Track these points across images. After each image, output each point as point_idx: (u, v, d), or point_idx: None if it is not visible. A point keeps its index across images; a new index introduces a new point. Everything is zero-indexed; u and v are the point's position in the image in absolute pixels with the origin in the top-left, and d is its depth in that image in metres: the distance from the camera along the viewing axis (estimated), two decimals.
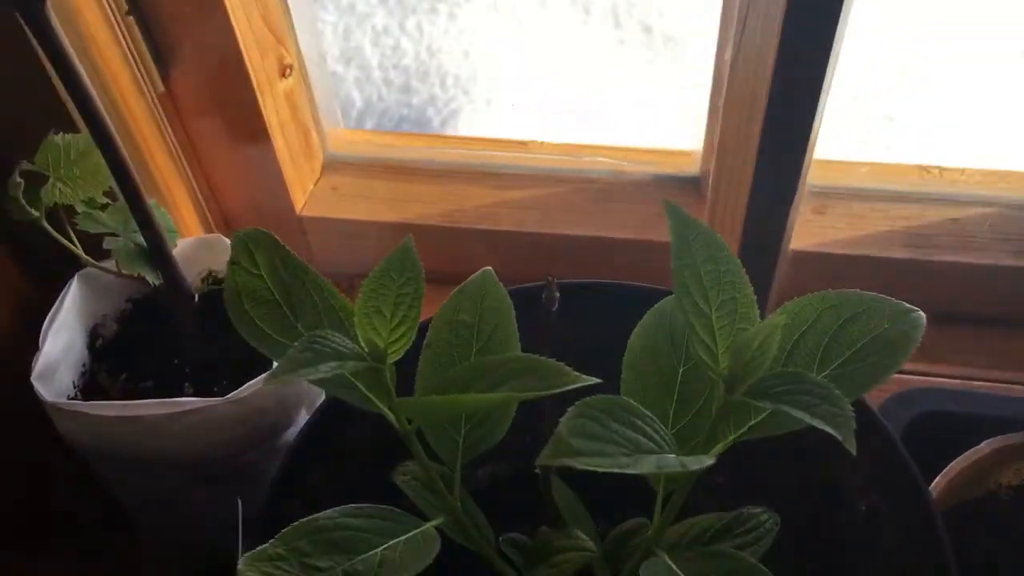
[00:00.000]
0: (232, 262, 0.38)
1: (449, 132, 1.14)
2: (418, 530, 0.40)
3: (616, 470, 0.32)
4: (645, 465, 0.33)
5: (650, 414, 0.36)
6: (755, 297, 0.37)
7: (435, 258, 0.80)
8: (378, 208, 0.79)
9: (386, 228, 0.79)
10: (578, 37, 1.29)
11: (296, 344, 0.34)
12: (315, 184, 0.80)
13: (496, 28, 1.30)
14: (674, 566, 0.39)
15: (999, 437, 0.59)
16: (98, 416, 0.53)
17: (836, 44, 0.50)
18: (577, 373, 0.35)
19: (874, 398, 0.62)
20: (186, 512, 0.63)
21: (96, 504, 0.67)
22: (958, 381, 0.70)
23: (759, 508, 0.47)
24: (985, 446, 0.59)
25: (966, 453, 0.59)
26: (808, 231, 0.74)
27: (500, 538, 0.46)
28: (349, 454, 0.52)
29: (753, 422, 0.37)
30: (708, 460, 0.34)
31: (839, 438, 0.31)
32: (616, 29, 1.29)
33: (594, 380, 0.34)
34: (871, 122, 1.16)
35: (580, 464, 0.31)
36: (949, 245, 0.73)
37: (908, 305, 0.38)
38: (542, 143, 0.84)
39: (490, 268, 0.46)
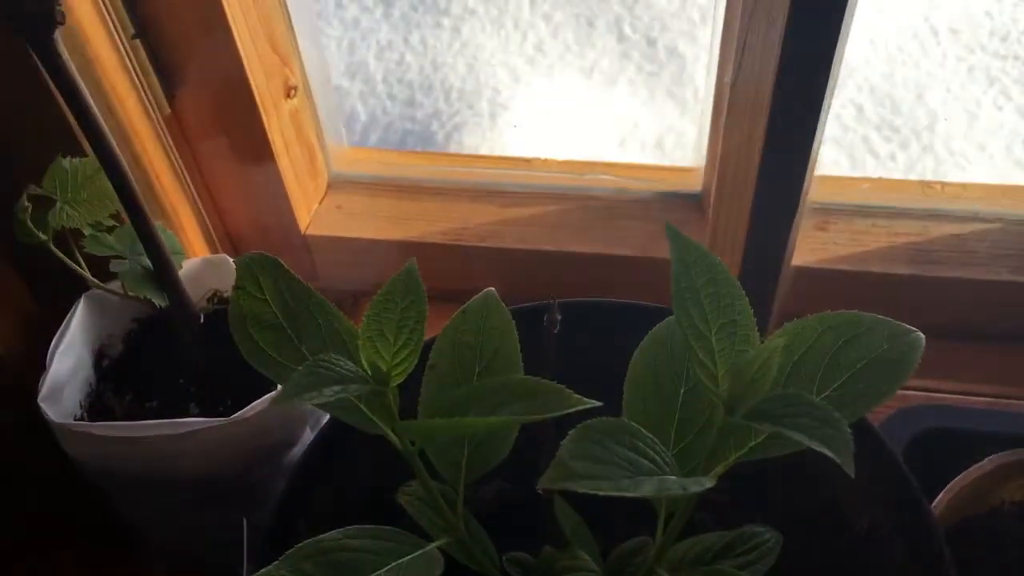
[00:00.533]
0: (237, 287, 0.38)
1: (453, 145, 1.15)
2: (421, 551, 0.40)
3: (616, 493, 0.32)
4: (646, 488, 0.33)
5: (651, 436, 0.36)
6: (755, 319, 0.37)
7: (439, 276, 0.81)
8: (382, 226, 0.80)
9: (390, 246, 0.80)
10: (582, 49, 1.30)
11: (300, 368, 0.34)
12: (320, 203, 0.81)
13: (500, 41, 1.31)
14: None
15: (1002, 453, 0.59)
16: (104, 437, 0.53)
17: (835, 64, 0.50)
18: (578, 396, 0.35)
19: (876, 415, 0.63)
20: (192, 530, 0.63)
21: (100, 520, 0.68)
22: (961, 397, 0.70)
23: (761, 527, 0.47)
24: (988, 462, 0.59)
25: (969, 469, 0.59)
26: (811, 247, 0.74)
27: (504, 557, 0.46)
28: (353, 473, 0.53)
29: (753, 443, 0.37)
30: (708, 482, 0.34)
31: (838, 461, 0.31)
32: (620, 42, 1.30)
33: (594, 403, 0.35)
34: (873, 135, 1.16)
35: (581, 487, 0.31)
36: (951, 261, 0.73)
37: (907, 326, 0.39)
38: (546, 160, 0.84)
39: (492, 289, 0.46)
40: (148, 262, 0.51)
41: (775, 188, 0.51)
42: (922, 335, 0.38)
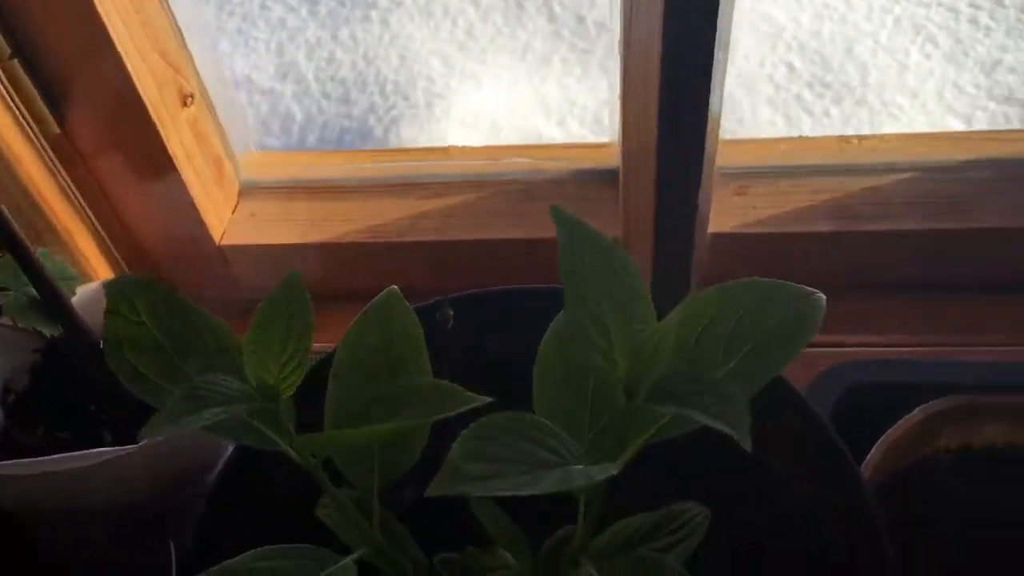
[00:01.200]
0: (109, 311, 0.36)
1: (392, 139, 1.14)
2: (335, 567, 0.39)
3: (514, 492, 0.31)
4: (548, 482, 0.32)
5: (554, 426, 0.35)
6: (650, 296, 0.36)
7: (361, 276, 0.79)
8: (300, 230, 0.78)
9: (310, 250, 0.78)
10: (513, 31, 1.29)
11: (175, 392, 0.32)
12: (232, 212, 0.79)
13: (430, 30, 1.30)
14: None
15: (932, 402, 0.59)
16: (15, 476, 0.51)
17: (722, 21, 0.48)
18: (469, 394, 0.34)
19: (805, 375, 0.62)
20: (119, 559, 0.61)
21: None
22: (890, 350, 0.70)
23: (689, 503, 0.46)
24: (919, 412, 0.59)
25: (900, 421, 0.59)
26: (730, 213, 0.74)
27: (435, 560, 0.45)
28: (276, 488, 0.51)
29: (661, 423, 0.36)
30: (613, 469, 0.34)
31: (735, 437, 0.30)
32: (550, 22, 1.29)
33: (485, 400, 0.33)
34: (807, 93, 1.17)
35: (475, 491, 0.30)
36: (869, 215, 0.73)
37: (808, 288, 0.38)
38: (462, 148, 0.83)
39: (395, 287, 0.45)
40: (34, 291, 0.49)
41: (677, 155, 0.50)
42: (822, 296, 0.37)
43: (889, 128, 1.11)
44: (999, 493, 0.60)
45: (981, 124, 1.09)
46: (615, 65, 0.66)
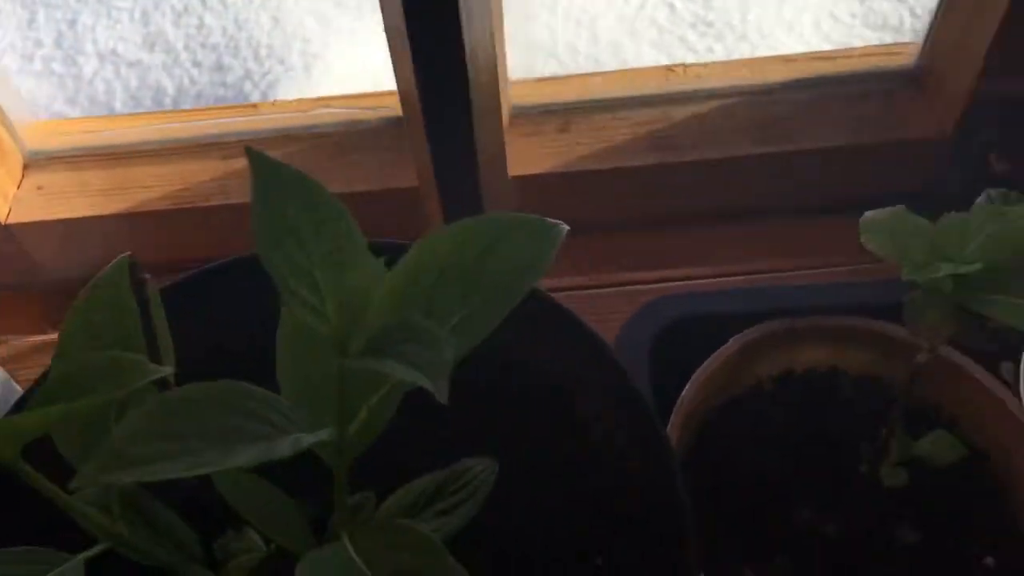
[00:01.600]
0: None
1: None
2: (61, 568, 0.35)
3: (192, 472, 0.27)
4: (244, 457, 0.29)
5: (269, 393, 0.31)
6: (365, 242, 0.32)
7: (165, 247, 0.74)
8: (95, 202, 0.72)
9: (107, 222, 0.72)
10: None
11: None
12: (18, 187, 0.72)
13: None
14: (353, 552, 0.35)
15: (747, 331, 0.58)
16: None
17: None
18: (154, 366, 0.30)
19: (619, 316, 0.60)
20: None
21: None
22: (716, 280, 0.68)
23: (474, 459, 0.43)
24: (734, 342, 0.57)
25: (715, 353, 0.57)
26: (551, 151, 0.71)
27: (215, 543, 0.42)
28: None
29: (392, 380, 0.33)
30: (323, 435, 0.30)
31: (432, 391, 0.27)
32: None
33: (166, 371, 0.30)
34: (690, 33, 1.16)
35: (139, 476, 0.26)
36: (693, 144, 0.71)
37: (551, 220, 0.35)
38: (273, 102, 0.78)
39: (127, 255, 0.41)
40: None
41: (437, 97, 0.47)
42: (564, 227, 0.34)
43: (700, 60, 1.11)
44: (824, 417, 0.59)
45: None
46: None
